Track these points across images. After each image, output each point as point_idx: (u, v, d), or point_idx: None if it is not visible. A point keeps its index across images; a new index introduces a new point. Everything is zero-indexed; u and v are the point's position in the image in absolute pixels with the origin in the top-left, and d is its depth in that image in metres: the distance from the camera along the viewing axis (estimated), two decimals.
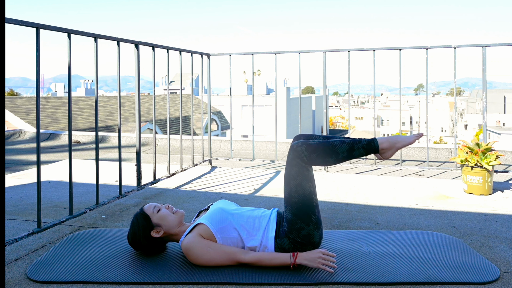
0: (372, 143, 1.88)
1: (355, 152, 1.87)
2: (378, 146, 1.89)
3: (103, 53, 3.90)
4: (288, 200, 1.87)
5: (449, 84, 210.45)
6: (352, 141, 1.89)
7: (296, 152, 1.85)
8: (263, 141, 5.69)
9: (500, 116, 43.54)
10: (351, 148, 1.86)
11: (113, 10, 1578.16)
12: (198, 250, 1.78)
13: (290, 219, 1.85)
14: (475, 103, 51.47)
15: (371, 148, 1.88)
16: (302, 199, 1.84)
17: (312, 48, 4.25)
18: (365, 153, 1.89)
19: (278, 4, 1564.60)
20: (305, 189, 1.85)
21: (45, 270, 1.80)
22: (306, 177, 1.86)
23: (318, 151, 1.85)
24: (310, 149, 1.84)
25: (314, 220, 1.84)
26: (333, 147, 1.86)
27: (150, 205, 1.97)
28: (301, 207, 1.84)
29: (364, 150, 1.88)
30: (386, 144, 1.90)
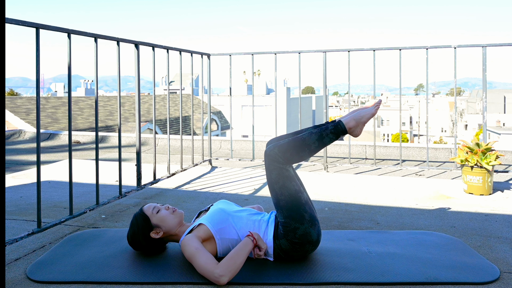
0: (339, 125, 1.90)
1: (325, 139, 1.88)
2: (345, 127, 1.91)
3: (103, 53, 3.90)
4: (277, 204, 1.88)
5: (449, 84, 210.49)
6: (320, 129, 1.90)
7: (271, 157, 1.87)
8: (263, 141, 5.69)
9: (500, 116, 43.53)
10: (320, 137, 1.88)
11: (113, 10, 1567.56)
12: (188, 248, 1.75)
13: (283, 222, 1.85)
14: (475, 103, 51.47)
15: (339, 130, 1.90)
16: (290, 199, 1.85)
17: (312, 48, 4.26)
18: (335, 137, 1.90)
19: (278, 4, 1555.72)
20: (289, 189, 1.86)
21: (45, 270, 1.80)
22: (287, 178, 1.87)
23: (290, 149, 1.86)
24: (282, 150, 1.86)
25: (307, 218, 1.84)
26: (303, 140, 1.87)
27: (150, 205, 1.96)
28: (291, 208, 1.84)
29: (333, 134, 1.89)
30: (352, 122, 1.92)
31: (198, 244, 1.76)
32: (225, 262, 1.69)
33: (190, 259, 1.75)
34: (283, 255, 1.86)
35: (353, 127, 1.92)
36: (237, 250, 1.74)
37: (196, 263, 1.71)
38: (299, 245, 1.83)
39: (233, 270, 1.68)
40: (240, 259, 1.71)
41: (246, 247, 1.75)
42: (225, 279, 1.65)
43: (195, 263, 1.72)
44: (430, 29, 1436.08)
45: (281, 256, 1.87)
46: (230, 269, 1.68)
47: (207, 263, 1.69)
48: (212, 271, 1.66)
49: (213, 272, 1.66)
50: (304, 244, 1.84)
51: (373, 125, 4.11)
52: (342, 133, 1.91)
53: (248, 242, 1.77)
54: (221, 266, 1.68)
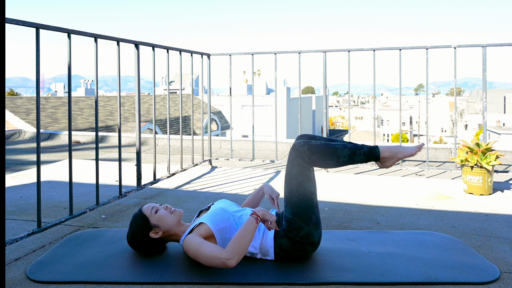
0: (374, 151, 1.88)
1: (356, 157, 1.86)
2: (379, 155, 1.88)
3: (103, 53, 3.90)
4: (289, 199, 1.87)
5: (449, 84, 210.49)
6: (354, 146, 1.88)
7: (298, 152, 1.85)
8: (263, 141, 5.69)
9: (500, 116, 43.54)
10: (352, 153, 1.86)
11: (113, 10, 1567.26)
12: (192, 245, 1.76)
13: (290, 218, 1.85)
14: (475, 103, 51.47)
15: (372, 155, 1.87)
16: (303, 198, 1.84)
17: (312, 48, 4.26)
18: (365, 160, 1.88)
19: (278, 4, 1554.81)
20: (306, 188, 1.85)
21: (45, 270, 1.80)
22: (307, 177, 1.86)
23: (320, 152, 1.84)
24: (312, 150, 1.84)
25: (314, 220, 1.84)
26: (335, 150, 1.85)
27: (148, 205, 1.97)
28: (301, 207, 1.83)
29: (365, 156, 1.87)
30: (387, 153, 1.89)
31: (200, 239, 1.77)
32: (230, 245, 1.70)
33: (195, 255, 1.75)
34: (283, 254, 1.86)
35: (387, 157, 1.90)
36: (241, 231, 1.73)
37: (202, 255, 1.71)
38: (300, 244, 1.83)
39: (240, 252, 1.69)
40: (245, 240, 1.71)
41: (250, 227, 1.74)
42: (233, 262, 1.66)
43: (201, 256, 1.72)
44: (430, 29, 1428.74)
45: (281, 256, 1.87)
46: (236, 251, 1.68)
47: (212, 251, 1.70)
48: (218, 257, 1.67)
49: (219, 258, 1.67)
50: (305, 245, 1.84)
51: (373, 125, 4.11)
52: (374, 158, 1.89)
53: (251, 221, 1.75)
54: (227, 249, 1.69)
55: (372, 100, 44.46)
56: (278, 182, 3.62)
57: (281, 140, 5.75)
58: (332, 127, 54.26)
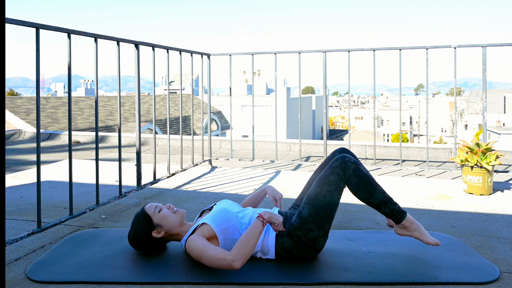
0: (401, 214, 1.91)
1: (384, 208, 1.89)
2: (401, 219, 1.91)
3: (103, 53, 3.91)
4: (313, 199, 1.86)
5: (449, 84, 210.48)
6: (390, 199, 1.91)
7: (345, 165, 1.86)
8: (263, 141, 5.69)
9: (500, 116, 43.54)
10: (384, 202, 1.88)
11: (113, 10, 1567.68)
12: (195, 247, 1.77)
13: (305, 217, 1.85)
14: (475, 103, 51.47)
15: (396, 216, 1.91)
16: (326, 205, 1.85)
17: (312, 48, 4.26)
18: (389, 214, 1.91)
19: (278, 4, 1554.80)
20: (333, 198, 1.86)
21: (45, 270, 1.80)
22: (339, 190, 1.87)
23: (361, 180, 1.87)
24: (356, 172, 1.86)
25: (325, 229, 1.86)
26: (374, 189, 1.88)
27: (151, 205, 1.97)
28: (321, 212, 1.84)
29: (390, 212, 1.90)
30: (408, 224, 1.92)
31: (204, 241, 1.78)
32: (236, 247, 1.71)
33: (199, 257, 1.75)
34: (284, 253, 1.86)
35: (405, 227, 1.92)
36: (247, 233, 1.75)
37: (207, 257, 1.72)
38: (304, 245, 1.83)
39: (246, 254, 1.70)
40: (251, 243, 1.72)
41: (256, 229, 1.76)
42: (238, 264, 1.68)
43: (206, 257, 1.72)
44: (430, 29, 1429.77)
45: (282, 255, 1.87)
46: (242, 253, 1.69)
47: (218, 253, 1.71)
48: (224, 259, 1.68)
49: (225, 260, 1.68)
50: (309, 247, 1.84)
51: (373, 125, 4.11)
52: (395, 220, 1.91)
53: (257, 223, 1.77)
54: (233, 251, 1.70)
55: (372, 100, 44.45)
56: (278, 182, 3.62)
57: (281, 140, 5.75)
58: (332, 127, 54.26)
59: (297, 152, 5.33)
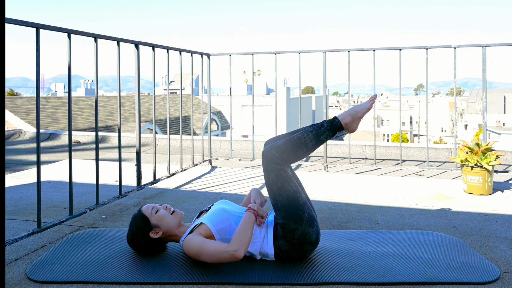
0: (334, 122, 1.91)
1: (322, 136, 1.89)
2: (341, 123, 1.91)
3: (103, 53, 3.90)
4: (275, 205, 1.88)
5: (449, 84, 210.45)
6: (316, 127, 1.91)
7: (268, 158, 1.86)
8: (263, 141, 5.69)
9: (500, 116, 43.54)
10: (316, 134, 1.88)
11: (113, 10, 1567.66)
12: (193, 245, 1.77)
13: (282, 223, 1.85)
14: (475, 103, 51.47)
15: (335, 127, 1.90)
16: (288, 200, 1.85)
17: (312, 48, 4.25)
18: (331, 134, 1.90)
19: (278, 4, 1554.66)
20: (287, 190, 1.85)
21: (45, 270, 1.80)
22: (285, 179, 1.87)
23: (287, 149, 1.86)
24: (279, 150, 1.86)
25: (306, 218, 1.84)
26: (300, 139, 1.88)
27: (148, 206, 1.97)
28: (289, 209, 1.84)
29: (329, 131, 1.89)
30: (348, 118, 1.92)
31: (201, 238, 1.79)
32: (235, 238, 1.75)
33: (198, 254, 1.76)
34: (282, 255, 1.86)
35: (349, 122, 1.92)
36: (242, 225, 1.79)
37: (207, 252, 1.74)
38: (298, 245, 1.83)
39: (245, 243, 1.75)
40: (248, 233, 1.77)
41: (250, 220, 1.81)
42: (241, 253, 1.72)
43: (206, 253, 1.74)
44: (430, 29, 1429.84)
45: (281, 257, 1.87)
46: (242, 242, 1.74)
47: (218, 246, 1.74)
48: (225, 250, 1.72)
49: (227, 251, 1.71)
50: (303, 245, 1.84)
51: (373, 125, 4.11)
52: (339, 129, 1.91)
53: (250, 215, 1.83)
54: (233, 242, 1.74)
55: None
56: None
57: None
58: None
59: None
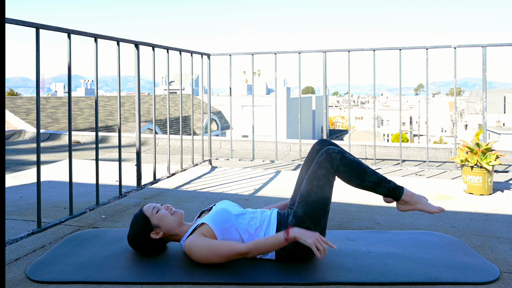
0: (398, 190, 1.88)
1: (380, 188, 1.87)
2: (400, 195, 1.89)
3: (103, 53, 3.91)
4: (305, 197, 1.85)
5: (449, 84, 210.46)
6: (383, 178, 1.89)
7: (330, 157, 1.85)
8: (263, 141, 5.69)
9: (500, 116, 43.54)
10: (378, 182, 1.86)
11: (113, 10, 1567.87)
12: (199, 248, 1.78)
13: (300, 216, 1.84)
14: (475, 103, 51.47)
15: (394, 193, 1.88)
16: (319, 201, 1.84)
17: (312, 48, 4.26)
18: (387, 194, 1.88)
19: (278, 4, 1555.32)
20: (324, 193, 1.85)
21: (45, 270, 1.80)
22: (330, 183, 1.86)
23: (350, 167, 1.85)
24: (343, 161, 1.85)
25: (322, 224, 1.85)
26: (364, 172, 1.86)
27: (149, 206, 1.96)
28: (316, 209, 1.84)
29: (387, 191, 1.88)
30: (408, 198, 1.89)
31: (207, 240, 1.80)
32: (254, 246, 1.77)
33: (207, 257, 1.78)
34: (284, 254, 1.86)
35: (406, 202, 1.90)
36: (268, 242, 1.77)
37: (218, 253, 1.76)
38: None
39: (258, 253, 1.79)
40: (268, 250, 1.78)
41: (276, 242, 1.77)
42: (250, 255, 1.79)
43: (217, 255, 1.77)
44: (430, 29, 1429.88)
45: (282, 256, 1.87)
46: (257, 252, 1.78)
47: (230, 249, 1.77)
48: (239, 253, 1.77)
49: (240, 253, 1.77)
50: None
51: (373, 125, 4.11)
52: (395, 197, 1.89)
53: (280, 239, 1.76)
54: (249, 247, 1.77)
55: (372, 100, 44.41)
56: (278, 182, 3.62)
57: (281, 140, 5.75)
58: (332, 127, 54.24)
59: (297, 152, 5.33)
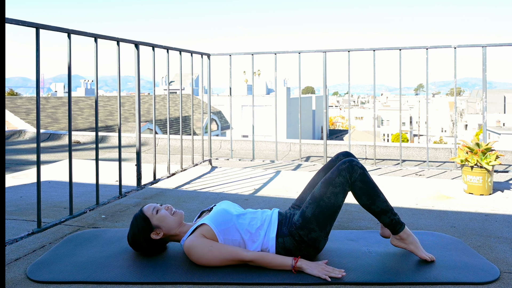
0: (399, 225, 1.89)
1: (384, 217, 1.88)
2: (400, 231, 1.90)
3: (103, 53, 3.91)
4: (317, 199, 1.86)
5: (449, 84, 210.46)
6: (391, 208, 1.90)
7: (352, 169, 1.86)
8: (263, 141, 5.69)
9: (500, 116, 43.54)
10: (385, 211, 1.88)
11: (113, 10, 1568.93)
12: (201, 250, 1.78)
13: (308, 217, 1.84)
14: (475, 103, 51.47)
15: (395, 227, 1.89)
16: (330, 207, 1.85)
17: (312, 48, 4.26)
18: (387, 223, 1.89)
19: (278, 4, 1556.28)
20: (337, 200, 1.86)
21: (45, 270, 1.80)
22: (344, 192, 1.87)
23: (365, 186, 1.86)
24: (362, 178, 1.86)
25: (327, 230, 1.86)
26: (377, 196, 1.87)
27: (150, 206, 1.96)
28: (325, 213, 1.84)
29: (390, 221, 1.89)
30: (406, 236, 1.91)
31: (209, 242, 1.80)
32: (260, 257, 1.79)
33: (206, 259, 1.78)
34: (284, 253, 1.86)
35: (401, 238, 1.91)
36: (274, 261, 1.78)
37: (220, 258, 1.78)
38: (305, 244, 1.83)
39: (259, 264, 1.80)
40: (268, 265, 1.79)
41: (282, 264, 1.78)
42: (252, 264, 1.80)
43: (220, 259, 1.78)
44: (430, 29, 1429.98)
45: (282, 255, 1.86)
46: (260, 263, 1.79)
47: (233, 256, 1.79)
48: (242, 260, 1.79)
49: (243, 260, 1.79)
50: (310, 247, 1.84)
51: (373, 125, 4.11)
52: (394, 229, 1.90)
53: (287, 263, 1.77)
54: (254, 256, 1.79)
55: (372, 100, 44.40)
56: (278, 182, 3.62)
57: (281, 140, 5.75)
58: (332, 127, 54.25)
59: (297, 152, 5.33)
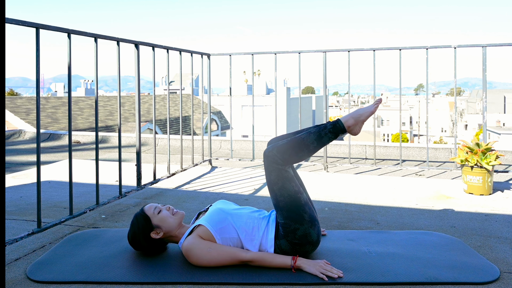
0: (337, 124, 1.90)
1: (324, 138, 1.88)
2: (344, 126, 1.90)
3: (103, 53, 3.91)
4: (277, 205, 1.88)
5: (449, 84, 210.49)
6: (318, 128, 1.90)
7: (270, 158, 1.86)
8: (263, 141, 5.69)
9: (500, 116, 43.53)
10: (319, 136, 1.88)
11: (113, 10, 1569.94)
12: (199, 251, 1.78)
13: (283, 223, 1.85)
14: (475, 103, 51.46)
15: (337, 129, 1.89)
16: (289, 200, 1.85)
17: (312, 48, 4.26)
18: (334, 136, 1.90)
19: (278, 4, 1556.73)
20: (289, 190, 1.85)
21: (45, 270, 1.80)
22: (287, 179, 1.86)
23: (289, 149, 1.86)
24: (281, 151, 1.86)
25: (307, 218, 1.84)
26: (302, 140, 1.87)
27: (151, 205, 1.97)
28: (290, 209, 1.84)
29: (332, 133, 1.89)
30: (351, 121, 1.91)
31: (207, 243, 1.80)
32: (259, 257, 1.79)
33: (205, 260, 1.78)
34: (283, 253, 1.86)
35: (352, 125, 1.91)
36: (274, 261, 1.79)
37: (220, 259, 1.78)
38: (299, 245, 1.83)
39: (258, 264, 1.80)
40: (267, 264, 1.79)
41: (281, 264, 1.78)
42: (252, 264, 1.80)
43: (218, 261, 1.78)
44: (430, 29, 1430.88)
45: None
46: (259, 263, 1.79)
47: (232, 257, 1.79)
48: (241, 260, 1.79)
49: (241, 261, 1.79)
50: (304, 245, 1.84)
51: (373, 125, 4.11)
52: (341, 131, 1.91)
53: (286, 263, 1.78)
54: (252, 257, 1.79)
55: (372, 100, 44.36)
56: None
57: None
58: None
59: None
